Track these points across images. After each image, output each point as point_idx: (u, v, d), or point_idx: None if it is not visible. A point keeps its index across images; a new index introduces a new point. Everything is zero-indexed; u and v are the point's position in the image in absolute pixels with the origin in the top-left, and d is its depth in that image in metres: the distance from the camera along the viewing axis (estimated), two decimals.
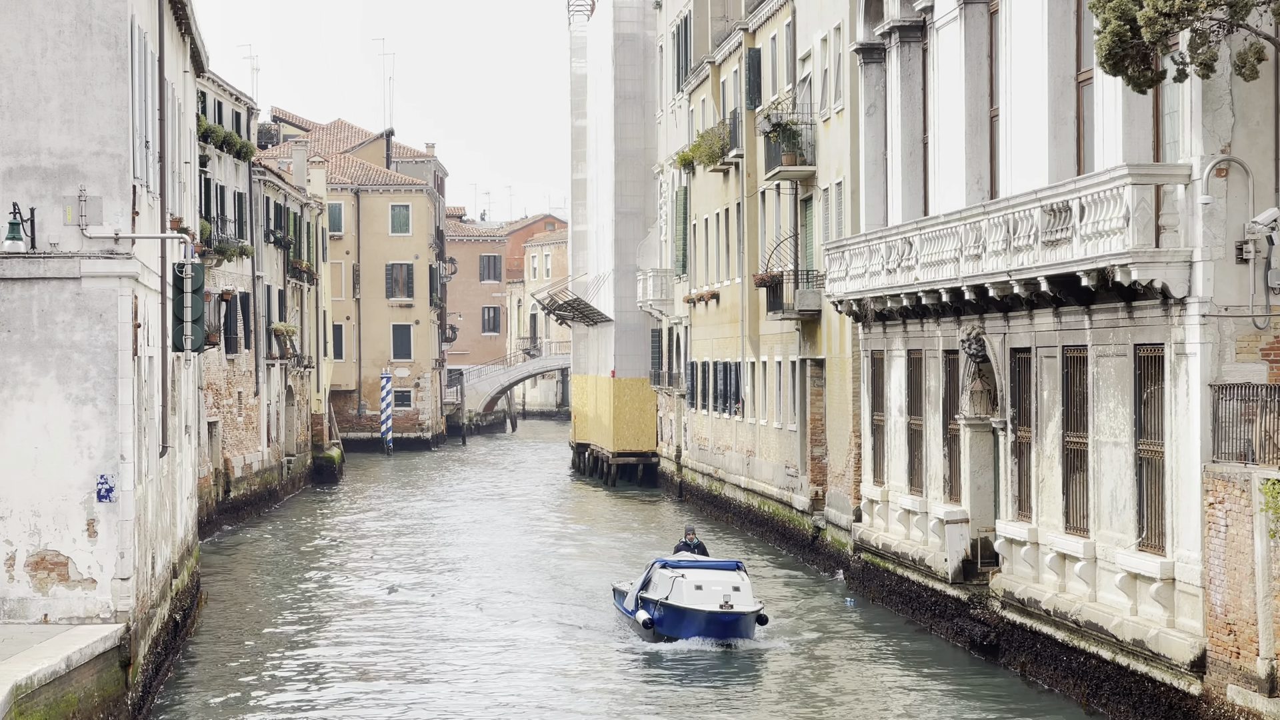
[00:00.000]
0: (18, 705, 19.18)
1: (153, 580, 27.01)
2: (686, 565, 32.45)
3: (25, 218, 23.80)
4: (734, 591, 31.27)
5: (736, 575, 31.85)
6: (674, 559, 33.41)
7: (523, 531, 53.20)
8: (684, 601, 31.20)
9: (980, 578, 31.42)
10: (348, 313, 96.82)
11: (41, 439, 23.60)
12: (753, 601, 31.56)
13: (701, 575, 31.66)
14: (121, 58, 24.13)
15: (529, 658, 31.06)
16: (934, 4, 33.50)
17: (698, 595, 31.20)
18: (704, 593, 31.23)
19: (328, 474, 73.85)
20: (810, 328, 44.29)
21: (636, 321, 71.31)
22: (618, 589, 35.28)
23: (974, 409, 31.60)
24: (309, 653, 31.82)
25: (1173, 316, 23.53)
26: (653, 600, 31.96)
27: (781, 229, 47.64)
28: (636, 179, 72.00)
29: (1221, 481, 22.10)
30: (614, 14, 71.81)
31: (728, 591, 31.22)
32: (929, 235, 31.86)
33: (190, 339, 29.25)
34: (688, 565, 32.45)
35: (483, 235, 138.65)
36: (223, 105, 56.98)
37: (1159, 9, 21.22)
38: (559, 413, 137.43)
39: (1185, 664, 22.77)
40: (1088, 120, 27.53)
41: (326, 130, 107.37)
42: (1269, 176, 23.13)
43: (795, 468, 45.83)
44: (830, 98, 42.43)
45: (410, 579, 42.04)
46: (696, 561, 33.07)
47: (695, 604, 31.12)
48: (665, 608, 31.50)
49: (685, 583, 31.39)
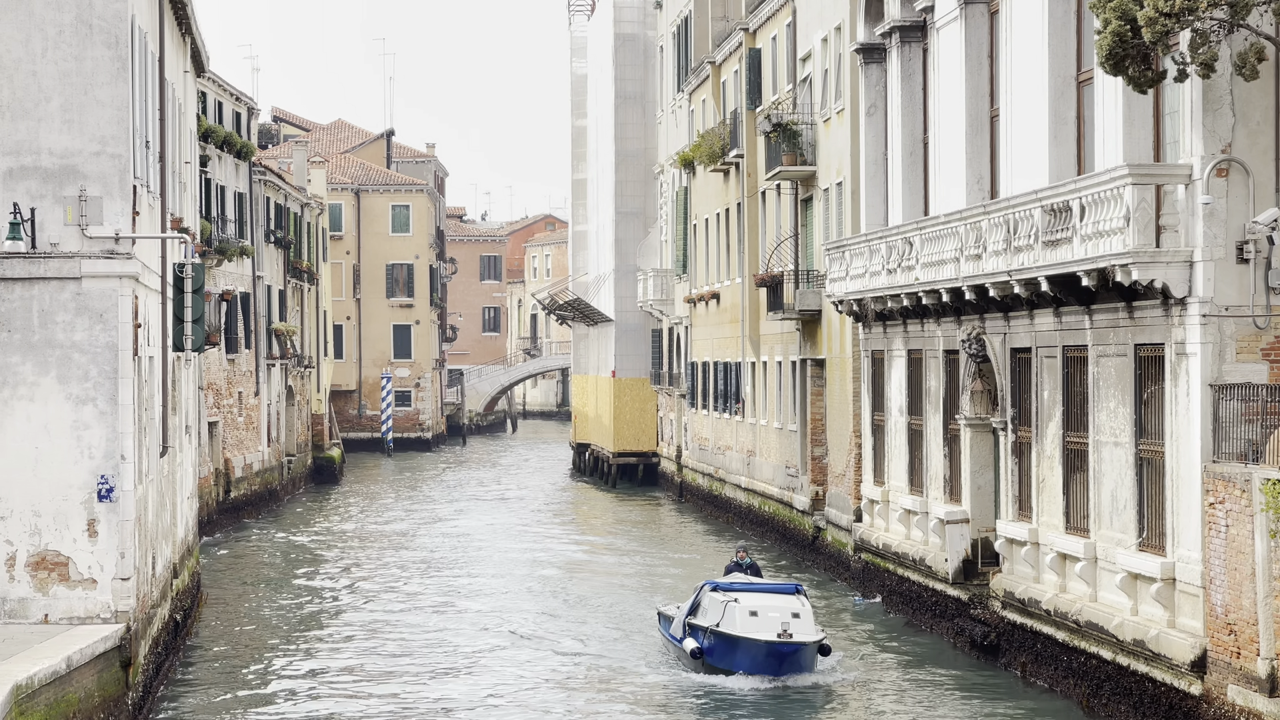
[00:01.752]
0: (18, 705, 19.17)
1: (153, 580, 27.01)
2: (740, 588, 29.34)
3: (26, 218, 23.79)
4: (793, 619, 27.93)
5: (796, 600, 28.63)
6: (725, 581, 30.32)
7: (535, 537, 52.96)
8: (737, 629, 27.96)
9: (981, 578, 31.42)
10: (348, 313, 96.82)
11: (42, 439, 23.59)
12: (814, 630, 28.21)
13: (757, 600, 28.41)
14: (122, 58, 24.13)
15: (555, 677, 29.12)
16: (934, 4, 33.50)
17: (752, 622, 27.91)
18: (759, 620, 27.90)
19: (328, 474, 73.84)
20: (810, 328, 44.29)
21: (637, 321, 71.32)
22: (663, 612, 32.04)
23: (974, 409, 31.60)
24: (309, 653, 31.81)
25: (1173, 316, 23.53)
26: (702, 627, 28.72)
27: (782, 229, 47.64)
28: (637, 179, 72.01)
29: (1222, 481, 22.10)
30: (614, 14, 71.82)
31: (786, 619, 27.87)
32: (929, 235, 31.86)
33: (190, 339, 29.25)
34: (741, 588, 29.35)
35: (483, 235, 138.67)
36: (223, 105, 56.98)
37: (1160, 9, 21.22)
38: (559, 413, 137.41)
39: (1186, 664, 22.76)
40: (1088, 120, 27.53)
41: (327, 130, 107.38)
42: (1269, 176, 23.13)
43: (796, 468, 45.82)
44: (830, 98, 42.43)
45: (419, 586, 41.98)
46: (750, 584, 29.96)
47: (750, 632, 27.82)
48: (716, 636, 28.28)
49: (738, 608, 28.12)
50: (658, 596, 36.66)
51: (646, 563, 44.55)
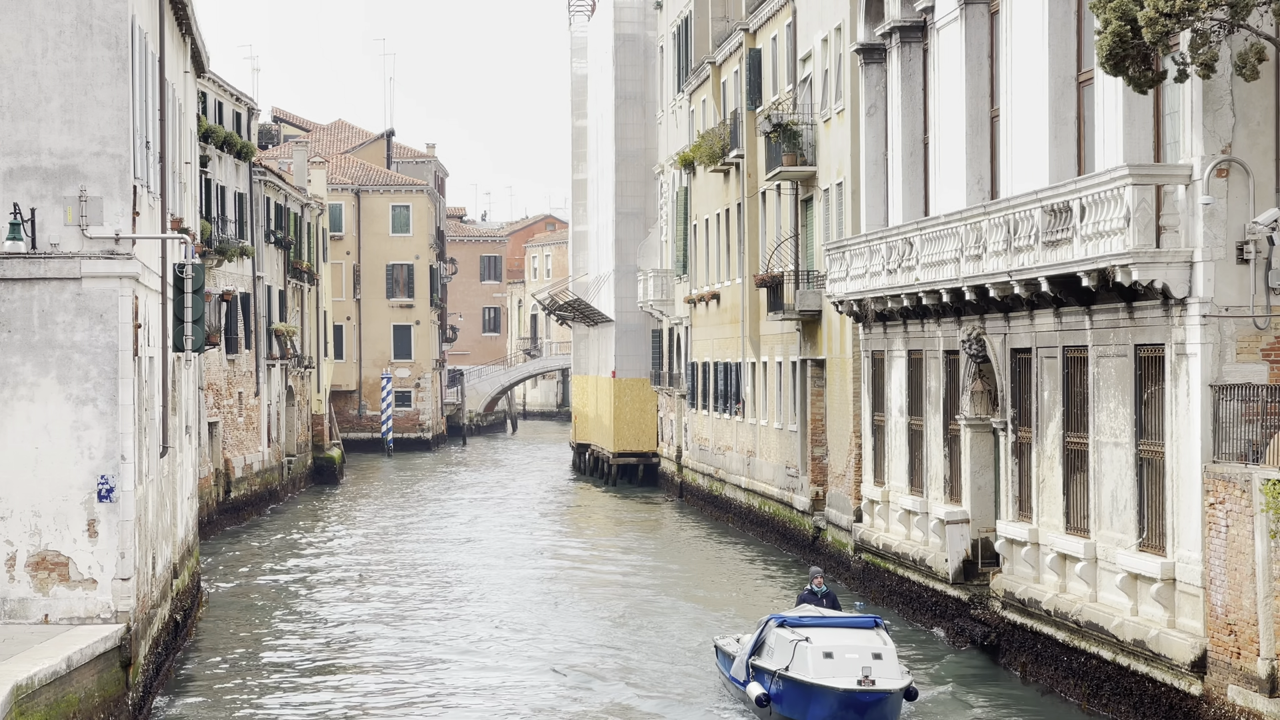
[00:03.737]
0: (18, 705, 19.18)
1: (153, 580, 27.01)
2: (810, 623, 25.67)
3: (26, 218, 23.80)
4: (875, 660, 24.25)
5: (876, 637, 25.09)
6: (794, 615, 26.50)
7: (539, 542, 52.79)
8: (810, 674, 24.23)
9: (981, 578, 31.41)
10: (348, 313, 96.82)
11: (42, 439, 23.60)
12: (899, 672, 24.50)
13: (832, 638, 24.82)
14: (122, 58, 24.13)
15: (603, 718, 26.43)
16: (934, 4, 33.50)
17: (828, 666, 24.23)
18: (836, 662, 24.25)
19: (328, 474, 73.85)
20: (811, 328, 44.28)
21: (637, 322, 71.32)
22: (721, 647, 28.13)
23: (974, 409, 31.59)
24: (309, 653, 31.82)
25: (1173, 317, 23.53)
26: (768, 670, 25.09)
27: (782, 229, 47.64)
28: (637, 179, 72.01)
29: (1222, 482, 22.10)
30: (614, 14, 71.83)
31: (867, 661, 24.19)
32: (929, 235, 31.86)
33: (191, 339, 29.27)
34: (812, 623, 25.68)
35: (483, 235, 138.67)
36: (223, 105, 56.98)
37: (1160, 9, 21.22)
38: (559, 413, 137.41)
39: (1186, 664, 22.76)
40: (1088, 120, 27.53)
41: (327, 130, 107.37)
42: (1269, 177, 23.13)
43: (796, 468, 45.82)
44: (831, 98, 42.43)
45: (419, 585, 41.99)
46: (823, 619, 26.12)
47: (825, 678, 24.01)
48: (785, 681, 24.60)
49: (811, 649, 24.48)
50: (713, 624, 33.46)
51: (679, 581, 41.89)
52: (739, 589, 39.73)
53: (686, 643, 31.93)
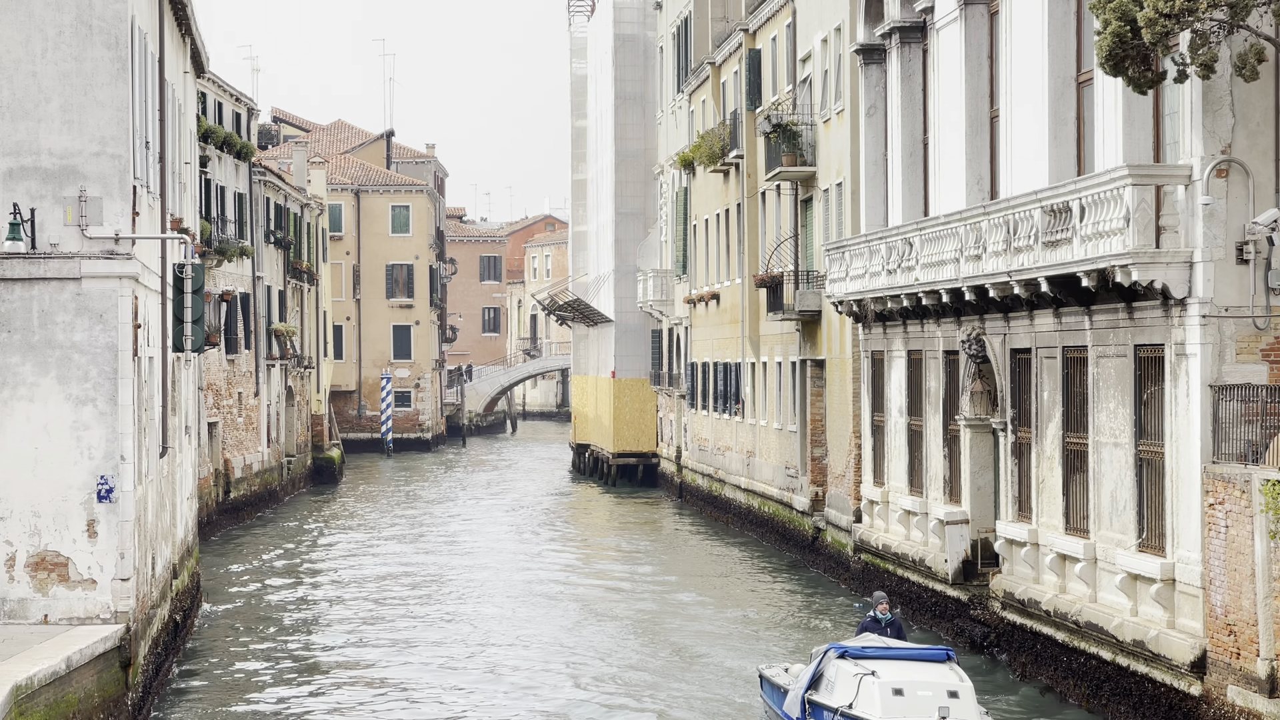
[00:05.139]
0: (18, 705, 19.18)
1: (153, 581, 27.01)
2: (876, 655, 22.62)
3: (25, 218, 23.80)
4: (950, 699, 21.26)
5: (950, 671, 22.07)
6: (856, 645, 23.21)
7: (541, 551, 52.72)
8: (878, 713, 21.22)
9: (980, 578, 31.42)
10: (348, 313, 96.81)
11: (42, 439, 23.60)
12: (977, 713, 21.47)
13: (901, 673, 21.80)
14: (122, 58, 24.13)
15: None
16: (934, 5, 33.50)
17: (898, 705, 21.22)
18: (907, 700, 21.25)
19: (328, 475, 73.85)
20: (810, 328, 44.29)
21: (637, 322, 71.33)
22: (768, 677, 24.87)
23: (974, 410, 31.60)
24: (308, 653, 31.82)
25: (1173, 317, 23.53)
26: (828, 707, 21.98)
27: (782, 229, 47.65)
28: (637, 179, 72.02)
29: (1222, 482, 22.10)
30: (614, 15, 71.84)
31: (942, 699, 21.22)
32: (929, 236, 31.86)
33: (190, 339, 29.27)
34: (877, 654, 22.62)
35: (483, 236, 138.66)
36: (223, 106, 56.97)
37: (1159, 10, 21.22)
38: (559, 413, 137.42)
39: (1185, 665, 22.76)
40: (1088, 121, 27.53)
41: (327, 131, 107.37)
42: (1269, 177, 23.13)
43: (795, 468, 45.83)
44: (830, 98, 42.43)
45: (419, 587, 41.98)
46: (889, 650, 22.94)
47: (896, 718, 21.17)
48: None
49: (877, 685, 21.51)
50: (718, 633, 31.71)
51: (680, 582, 41.40)
52: (741, 588, 39.73)
53: (729, 671, 29.45)
